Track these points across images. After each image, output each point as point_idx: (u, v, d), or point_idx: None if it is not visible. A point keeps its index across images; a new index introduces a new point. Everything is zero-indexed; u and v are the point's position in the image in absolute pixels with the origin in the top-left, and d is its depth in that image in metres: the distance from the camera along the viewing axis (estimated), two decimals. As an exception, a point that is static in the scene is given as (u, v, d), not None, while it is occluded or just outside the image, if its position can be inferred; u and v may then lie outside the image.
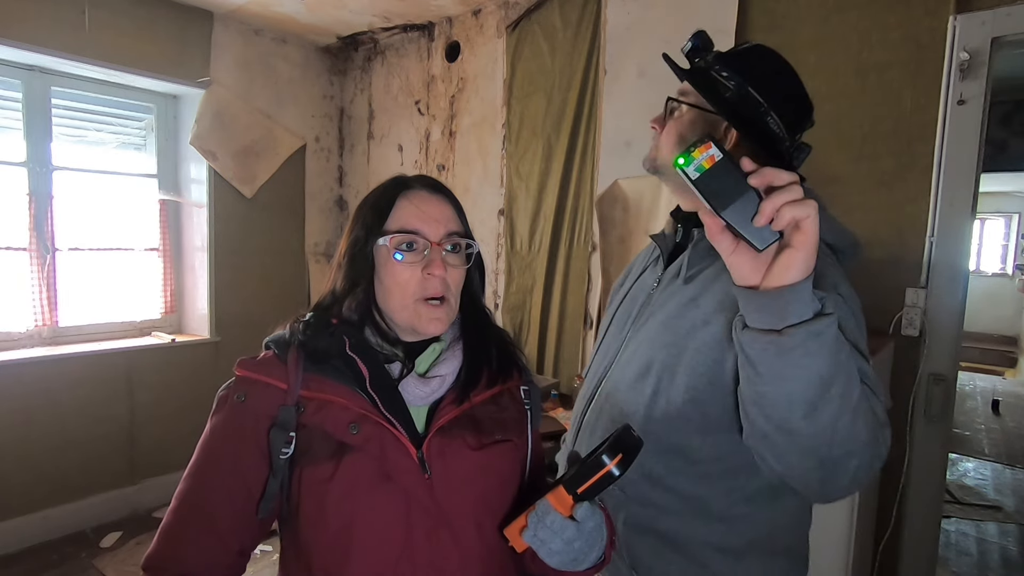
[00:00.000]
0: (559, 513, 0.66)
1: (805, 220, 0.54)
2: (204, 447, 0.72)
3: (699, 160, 0.54)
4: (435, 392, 0.74)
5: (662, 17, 2.29)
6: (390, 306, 0.74)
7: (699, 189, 0.55)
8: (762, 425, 0.67)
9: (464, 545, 0.71)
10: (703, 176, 0.54)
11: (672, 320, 0.87)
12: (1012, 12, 1.63)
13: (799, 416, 0.62)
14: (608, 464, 0.63)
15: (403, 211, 0.74)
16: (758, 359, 0.62)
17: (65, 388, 2.63)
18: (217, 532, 0.70)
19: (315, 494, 0.68)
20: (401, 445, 0.70)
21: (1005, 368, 7.03)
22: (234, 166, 3.08)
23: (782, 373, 0.61)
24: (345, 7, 2.87)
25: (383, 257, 0.74)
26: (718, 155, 0.54)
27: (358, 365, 0.72)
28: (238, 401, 0.71)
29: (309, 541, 0.70)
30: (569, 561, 0.67)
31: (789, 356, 0.59)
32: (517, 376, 0.83)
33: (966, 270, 1.75)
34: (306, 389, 0.70)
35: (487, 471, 0.75)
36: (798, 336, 0.58)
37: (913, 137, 1.78)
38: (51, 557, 2.48)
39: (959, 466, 3.83)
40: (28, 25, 2.41)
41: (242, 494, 0.70)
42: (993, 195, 7.42)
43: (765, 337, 0.60)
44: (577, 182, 2.55)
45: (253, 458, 0.70)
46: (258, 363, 0.73)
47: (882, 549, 1.82)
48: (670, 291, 0.91)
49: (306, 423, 0.69)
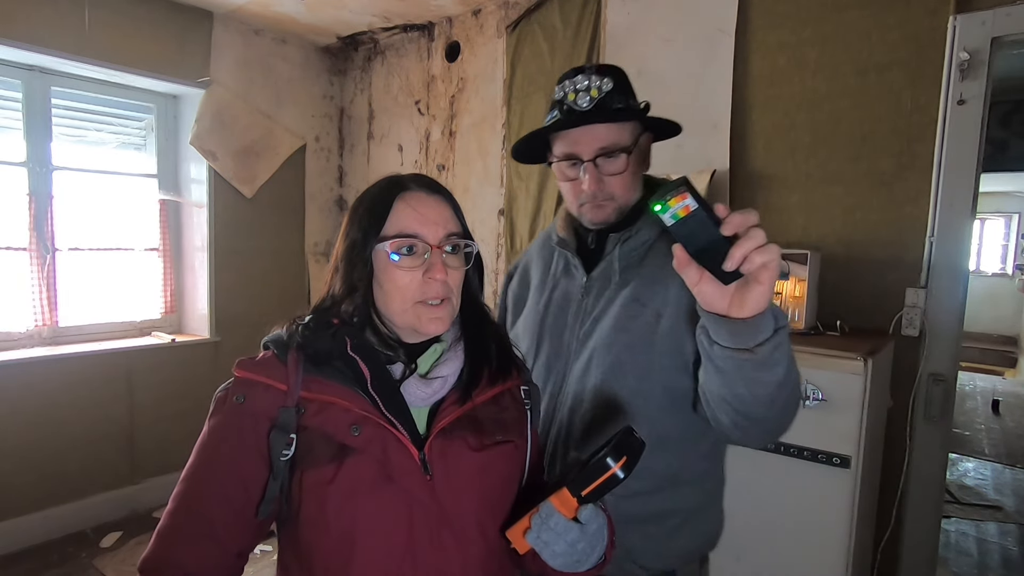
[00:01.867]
0: (562, 515, 0.66)
1: (771, 263, 0.61)
2: (202, 449, 0.71)
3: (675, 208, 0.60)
4: (437, 393, 0.73)
5: (662, 17, 2.29)
6: (390, 309, 0.73)
7: (674, 233, 0.62)
8: (733, 416, 0.79)
9: (466, 546, 0.71)
10: (678, 223, 0.61)
11: (624, 322, 0.94)
12: (1012, 12, 1.63)
13: (765, 407, 0.76)
14: (613, 467, 0.64)
15: (401, 214, 0.73)
16: (734, 370, 0.72)
17: (65, 388, 2.63)
18: (215, 535, 0.69)
19: (316, 497, 0.68)
20: (403, 447, 0.69)
21: (1005, 368, 7.02)
22: (234, 166, 3.08)
23: (757, 379, 0.71)
24: (345, 7, 2.87)
25: (382, 261, 0.73)
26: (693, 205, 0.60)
27: (359, 366, 0.71)
28: (237, 402, 0.70)
29: (310, 544, 0.69)
30: (572, 563, 0.68)
31: (762, 367, 0.70)
32: (516, 375, 0.82)
33: (966, 270, 1.75)
34: (306, 390, 0.70)
35: (488, 472, 0.74)
36: (767, 350, 0.68)
37: (913, 137, 1.78)
38: (51, 557, 2.48)
39: (959, 466, 3.82)
40: (28, 25, 2.41)
41: (240, 496, 0.69)
42: (993, 195, 7.41)
43: (740, 355, 0.69)
44: (577, 182, 2.55)
45: (252, 460, 0.69)
46: (257, 364, 0.72)
47: (882, 549, 1.82)
48: (607, 296, 0.97)
49: (307, 425, 0.69)
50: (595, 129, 0.93)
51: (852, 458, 1.45)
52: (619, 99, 0.93)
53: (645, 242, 0.98)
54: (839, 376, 1.46)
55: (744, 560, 1.61)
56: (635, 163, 0.97)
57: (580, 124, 0.93)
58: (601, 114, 0.92)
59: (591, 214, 0.98)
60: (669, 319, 0.91)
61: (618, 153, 0.93)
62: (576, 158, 0.95)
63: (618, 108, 0.93)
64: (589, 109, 0.92)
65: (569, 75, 0.96)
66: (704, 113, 2.16)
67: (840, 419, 1.46)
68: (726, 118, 2.11)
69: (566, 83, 0.94)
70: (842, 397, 1.46)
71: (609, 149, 0.93)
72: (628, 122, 0.94)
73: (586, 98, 0.92)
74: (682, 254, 0.65)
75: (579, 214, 1.00)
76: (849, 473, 1.45)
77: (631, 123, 0.95)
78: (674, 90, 2.24)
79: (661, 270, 0.94)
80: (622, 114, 0.93)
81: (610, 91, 0.93)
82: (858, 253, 1.89)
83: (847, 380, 1.45)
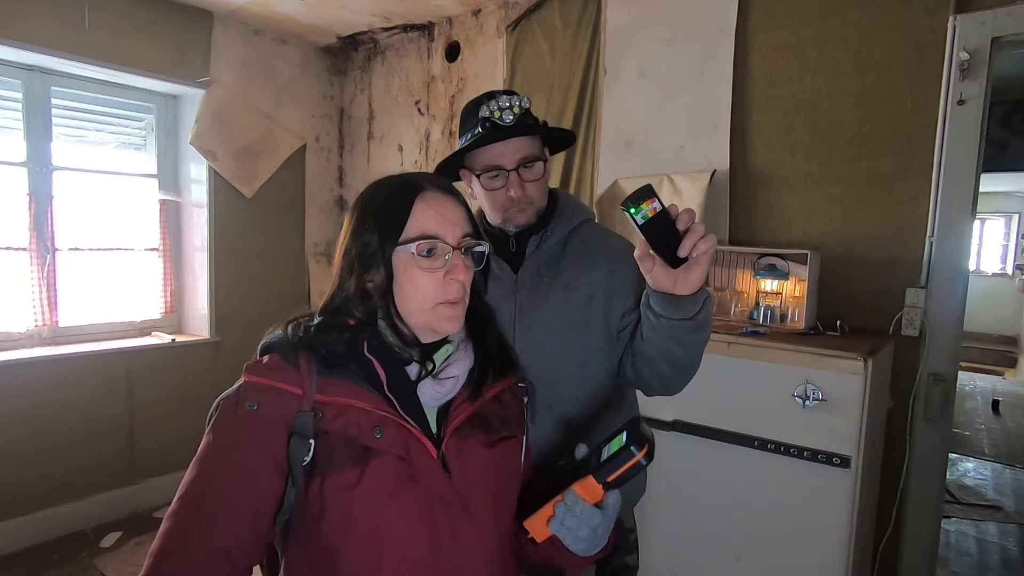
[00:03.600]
0: (587, 502, 0.70)
1: (710, 249, 0.80)
2: (208, 459, 0.67)
3: (645, 211, 0.77)
4: (449, 392, 0.74)
5: (662, 17, 2.29)
6: (407, 309, 0.73)
7: (642, 230, 0.79)
8: (664, 371, 1.00)
9: (485, 540, 0.73)
10: (647, 222, 0.78)
11: (563, 308, 1.10)
12: (1012, 12, 1.63)
13: (693, 360, 0.98)
14: (637, 455, 0.68)
15: (422, 215, 0.72)
16: (679, 336, 0.92)
17: (65, 388, 2.63)
18: (227, 551, 0.65)
19: (341, 501, 0.66)
20: (423, 447, 0.70)
21: (1005, 368, 7.02)
22: (234, 166, 3.08)
23: (693, 339, 0.93)
24: (345, 7, 2.87)
25: (403, 263, 0.72)
26: (659, 208, 0.77)
27: (374, 367, 0.71)
28: (249, 409, 0.67)
29: (335, 548, 0.67)
30: (591, 547, 0.72)
31: (699, 330, 0.91)
32: (514, 372, 0.84)
33: (966, 270, 1.75)
34: (322, 394, 0.69)
35: (498, 467, 0.76)
36: (703, 315, 0.90)
37: (913, 137, 1.78)
38: (51, 557, 2.48)
39: (959, 466, 3.82)
40: (28, 25, 2.41)
41: (253, 508, 0.66)
42: (993, 195, 7.41)
43: (684, 323, 0.89)
44: (577, 182, 2.55)
45: (268, 469, 0.67)
46: (268, 368, 0.70)
47: (882, 549, 1.82)
48: (539, 291, 1.12)
49: (326, 429, 0.67)
50: (516, 142, 1.07)
51: (852, 458, 1.45)
52: (531, 117, 1.09)
53: (559, 240, 1.15)
54: (839, 376, 1.46)
55: (744, 560, 1.62)
56: (547, 169, 1.13)
57: (506, 137, 1.06)
58: (522, 128, 1.07)
59: (516, 218, 1.12)
60: (599, 299, 1.09)
61: (536, 162, 1.09)
62: (500, 168, 1.08)
63: (532, 123, 1.09)
64: (512, 124, 1.06)
65: (489, 96, 1.09)
66: (704, 113, 2.16)
67: (840, 419, 1.46)
68: (726, 118, 2.11)
69: (491, 103, 1.07)
70: (842, 397, 1.46)
71: (529, 159, 1.08)
72: (537, 135, 1.11)
73: (510, 115, 1.06)
74: (644, 247, 0.82)
75: (503, 220, 1.13)
76: (849, 473, 1.45)
77: (539, 136, 1.11)
78: (674, 90, 2.25)
79: (583, 259, 1.12)
80: (537, 128, 1.10)
81: (528, 109, 1.08)
82: (858, 253, 1.89)
83: (847, 380, 1.45)
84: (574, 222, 1.16)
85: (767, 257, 1.90)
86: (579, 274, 1.11)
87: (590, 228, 1.19)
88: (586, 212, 1.21)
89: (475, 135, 1.09)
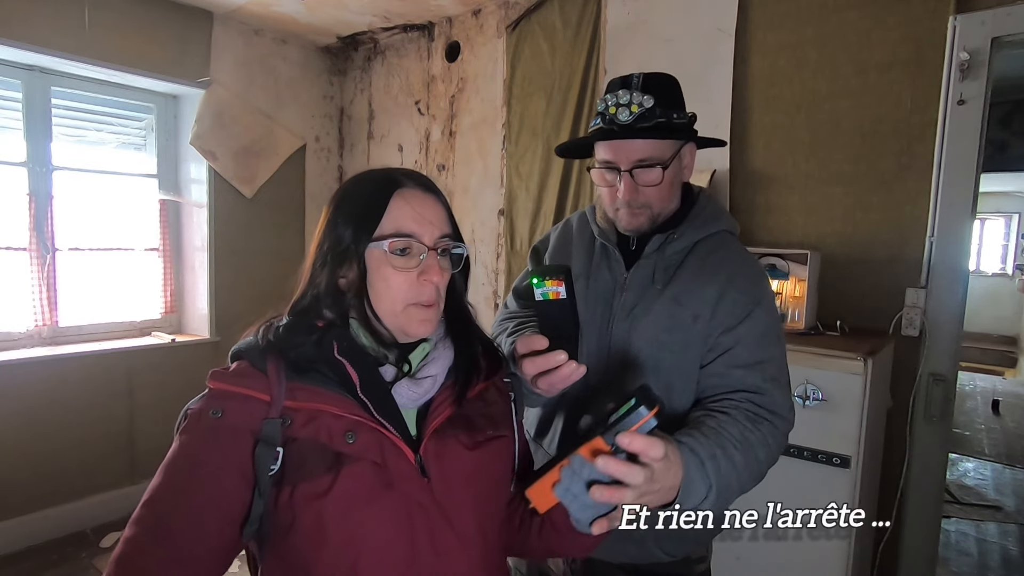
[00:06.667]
0: (594, 466, 0.65)
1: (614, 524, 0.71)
2: (172, 469, 0.65)
3: (548, 290, 0.70)
4: (427, 393, 0.71)
5: (662, 17, 2.29)
6: (379, 309, 0.70)
7: (537, 309, 0.70)
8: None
9: (468, 547, 0.69)
10: (545, 302, 0.69)
11: (666, 323, 0.98)
12: (1012, 12, 1.63)
13: (751, 482, 0.99)
14: (647, 415, 0.64)
15: (398, 212, 0.70)
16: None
17: (65, 388, 2.62)
18: (188, 562, 0.62)
19: (313, 510, 0.63)
20: (399, 451, 0.67)
21: (1005, 368, 7.02)
22: (234, 166, 3.08)
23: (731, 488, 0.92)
24: (345, 7, 2.87)
25: (375, 260, 0.70)
26: (563, 295, 0.69)
27: (346, 370, 0.68)
28: (214, 417, 0.65)
29: (307, 559, 0.65)
30: (595, 515, 0.68)
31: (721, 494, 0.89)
32: (498, 368, 0.81)
33: (966, 270, 1.75)
34: (291, 399, 0.66)
35: (483, 470, 0.73)
36: (709, 500, 0.85)
37: (913, 137, 1.78)
38: (51, 557, 2.48)
39: (959, 466, 3.82)
40: (28, 25, 2.41)
41: (217, 519, 0.63)
42: (993, 195, 7.42)
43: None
44: (577, 182, 2.55)
45: (232, 479, 0.64)
46: (234, 374, 0.68)
47: (882, 549, 1.82)
48: (647, 297, 1.01)
49: (295, 436, 0.65)
50: (633, 143, 0.96)
51: (852, 458, 1.45)
52: (661, 114, 0.95)
53: (686, 247, 1.02)
54: (839, 376, 1.46)
55: (744, 560, 1.61)
56: (672, 174, 0.99)
57: (617, 138, 0.96)
58: (639, 130, 0.94)
59: (626, 220, 1.02)
60: (703, 320, 0.97)
61: (654, 166, 0.96)
62: (614, 166, 0.98)
63: (658, 123, 0.95)
64: (627, 124, 0.94)
65: (615, 86, 0.97)
66: (704, 113, 2.15)
67: (840, 419, 1.46)
68: (726, 118, 2.11)
69: (609, 96, 0.96)
70: (842, 397, 1.46)
71: (645, 162, 0.96)
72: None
73: (626, 112, 0.94)
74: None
75: (615, 217, 1.04)
76: (849, 473, 1.45)
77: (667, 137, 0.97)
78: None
79: (700, 272, 1.00)
80: (658, 132, 0.95)
81: (650, 108, 0.94)
82: (858, 253, 1.89)
83: (847, 380, 1.45)
84: (708, 230, 1.03)
85: (767, 257, 1.89)
86: (692, 288, 0.99)
87: (724, 242, 1.04)
88: (727, 223, 1.06)
89: (595, 127, 0.99)
